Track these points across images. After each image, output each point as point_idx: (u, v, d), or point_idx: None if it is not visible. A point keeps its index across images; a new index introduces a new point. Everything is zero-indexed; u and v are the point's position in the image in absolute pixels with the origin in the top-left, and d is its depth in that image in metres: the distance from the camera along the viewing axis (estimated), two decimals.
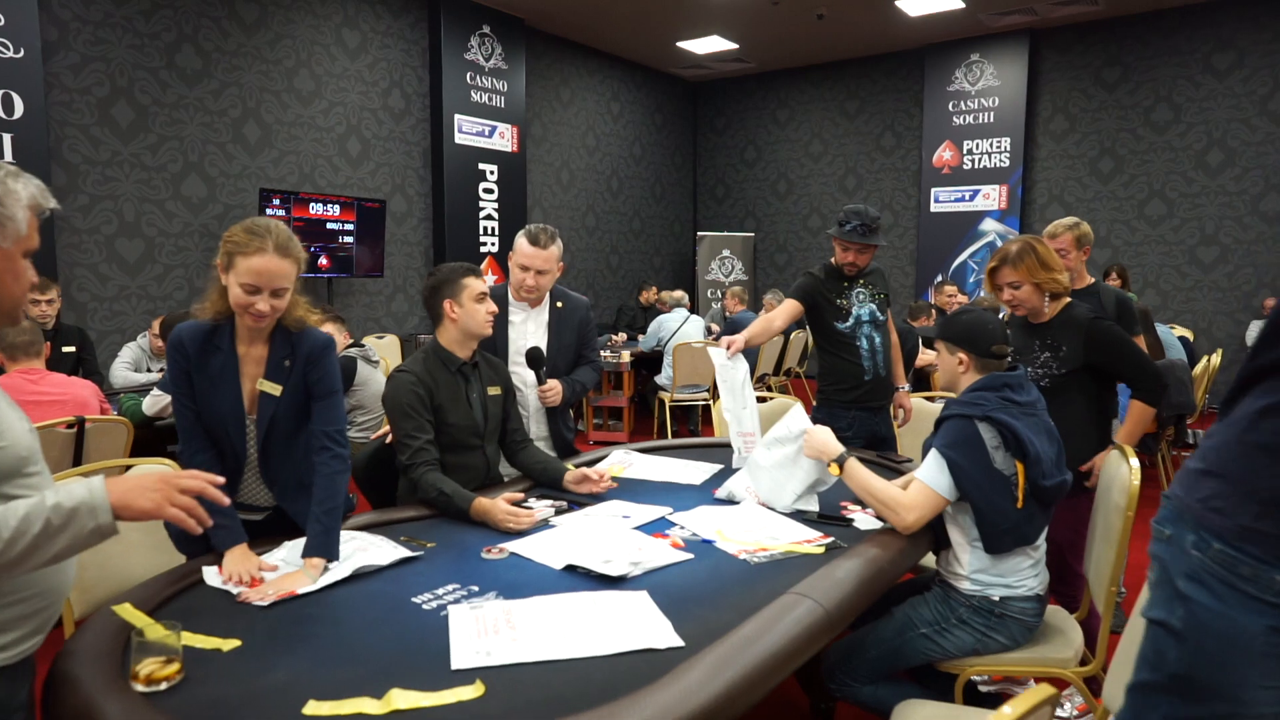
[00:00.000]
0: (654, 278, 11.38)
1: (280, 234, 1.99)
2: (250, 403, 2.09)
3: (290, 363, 2.09)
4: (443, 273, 2.61)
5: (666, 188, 11.58)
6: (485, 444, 2.67)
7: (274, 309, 1.99)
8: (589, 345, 3.11)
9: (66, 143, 5.68)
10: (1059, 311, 2.74)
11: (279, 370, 2.09)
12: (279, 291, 1.98)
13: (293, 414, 2.12)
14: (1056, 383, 2.67)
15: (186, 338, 2.06)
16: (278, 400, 2.09)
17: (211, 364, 2.05)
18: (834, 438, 2.36)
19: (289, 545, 2.03)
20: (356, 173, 7.52)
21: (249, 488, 2.17)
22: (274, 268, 1.95)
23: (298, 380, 2.11)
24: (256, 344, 2.09)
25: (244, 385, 2.08)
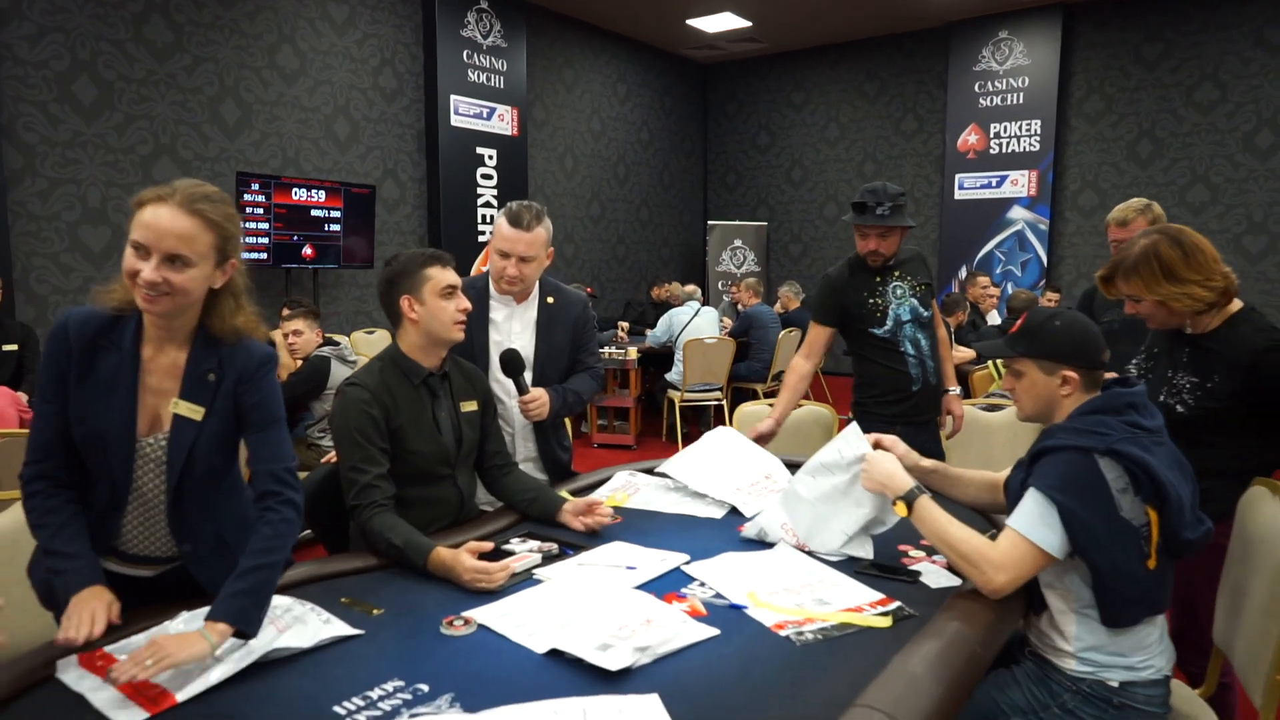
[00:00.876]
0: (663, 269, 10.86)
1: (193, 189, 1.52)
2: (148, 423, 1.60)
3: (216, 378, 1.61)
4: (399, 262, 2.12)
5: (676, 175, 11.05)
6: (457, 473, 2.17)
7: (170, 286, 1.49)
8: (586, 348, 2.61)
9: (21, 120, 5.20)
10: (1221, 324, 2.09)
11: (200, 386, 1.61)
12: (177, 260, 1.49)
13: (217, 446, 1.63)
14: (1196, 416, 2.06)
15: (74, 326, 1.57)
16: (199, 427, 1.60)
17: (101, 365, 1.57)
18: (901, 468, 1.86)
19: (187, 616, 1.54)
20: (345, 156, 7.03)
21: (137, 533, 1.67)
22: (170, 224, 1.47)
23: (226, 403, 1.62)
24: (169, 348, 1.61)
25: (142, 399, 1.59)
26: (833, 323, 2.87)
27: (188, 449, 1.60)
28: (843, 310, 2.86)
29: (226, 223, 1.56)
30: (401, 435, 2.06)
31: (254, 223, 6.00)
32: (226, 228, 1.56)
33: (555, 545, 2.00)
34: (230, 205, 1.60)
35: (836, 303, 2.86)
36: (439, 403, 2.15)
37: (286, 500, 1.60)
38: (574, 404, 2.51)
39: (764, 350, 6.93)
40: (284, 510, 1.59)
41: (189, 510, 1.65)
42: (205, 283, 1.56)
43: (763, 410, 3.43)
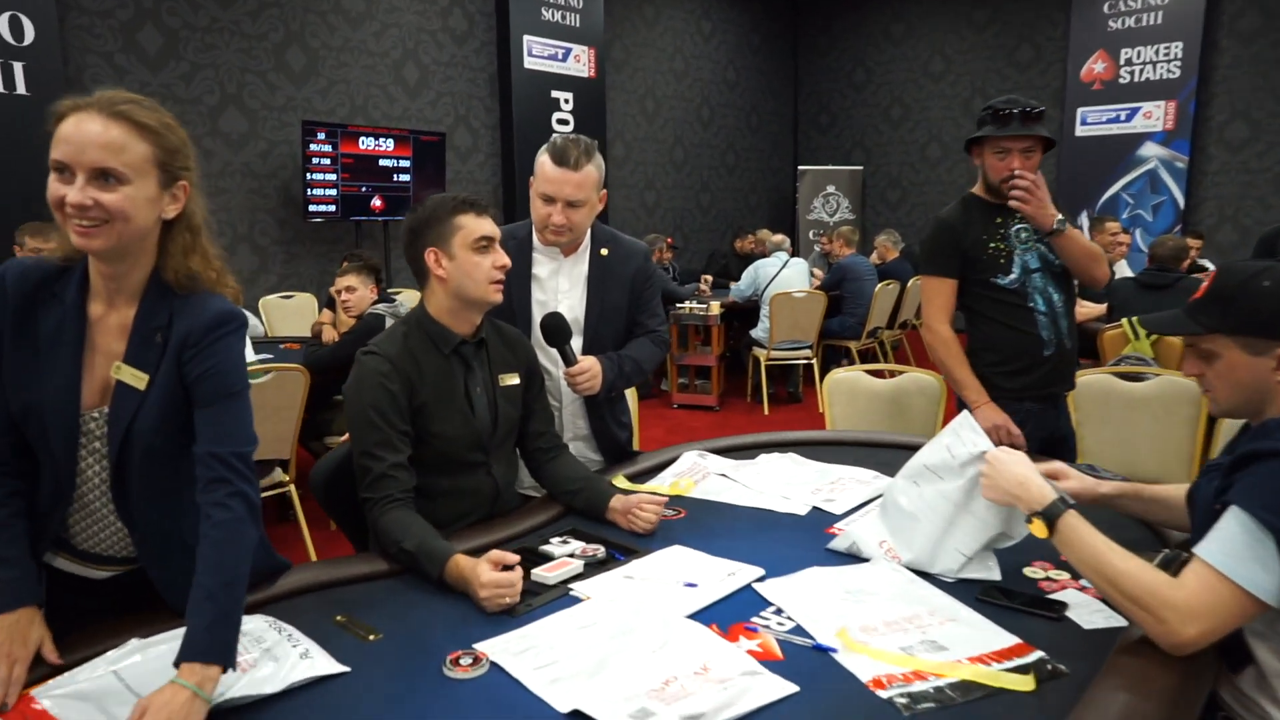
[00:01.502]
0: (749, 218, 10.31)
1: (118, 94, 1.25)
2: (96, 393, 1.32)
3: (163, 338, 1.32)
4: (425, 208, 1.77)
5: (764, 117, 10.41)
6: (492, 459, 1.84)
7: (104, 210, 1.20)
8: (648, 308, 2.22)
9: (88, 72, 5.09)
10: None
11: (146, 348, 1.32)
12: (107, 176, 1.21)
13: (160, 422, 1.33)
14: None
15: (12, 277, 1.30)
16: (141, 397, 1.31)
17: (43, 321, 1.30)
18: (1036, 471, 1.42)
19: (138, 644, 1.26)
20: (414, 103, 6.76)
21: (85, 525, 1.40)
22: (92, 132, 1.20)
23: (171, 369, 1.32)
24: (120, 303, 1.33)
25: (90, 364, 1.31)
26: (955, 273, 2.39)
27: (125, 425, 1.31)
28: (962, 254, 2.38)
29: (165, 131, 1.27)
30: (426, 415, 1.74)
31: (321, 174, 5.80)
32: (166, 137, 1.26)
33: (601, 549, 1.66)
34: (167, 113, 1.30)
35: (956, 248, 2.37)
36: (473, 376, 1.81)
37: (236, 493, 1.28)
38: (632, 374, 2.14)
39: (858, 305, 6.40)
40: (233, 505, 1.27)
41: (135, 501, 1.36)
42: (149, 209, 1.26)
43: (859, 378, 2.99)
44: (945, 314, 2.42)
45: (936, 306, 2.42)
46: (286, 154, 5.94)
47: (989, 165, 2.33)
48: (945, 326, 2.42)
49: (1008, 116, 2.26)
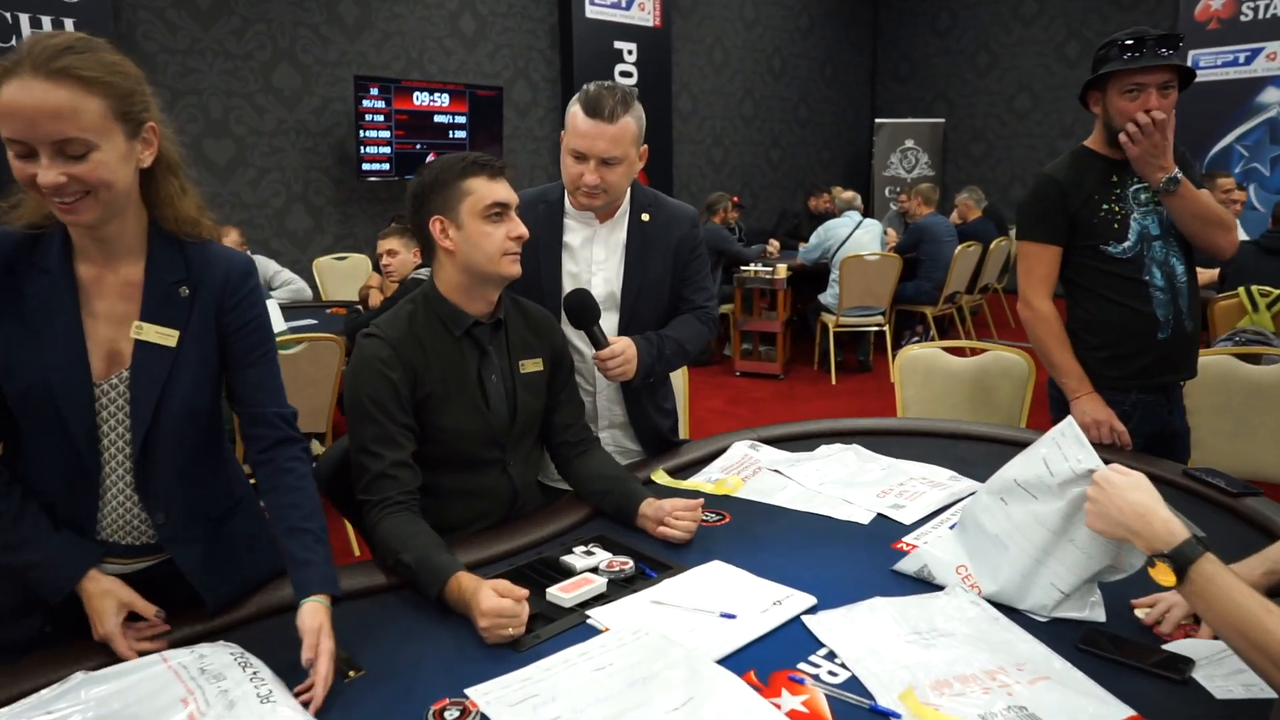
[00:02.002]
0: (822, 174, 9.84)
1: (43, 45, 1.07)
2: (103, 360, 1.22)
3: (190, 291, 1.25)
4: (430, 170, 1.55)
5: (839, 67, 9.85)
6: (509, 456, 1.64)
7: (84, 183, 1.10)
8: (694, 282, 1.96)
9: (140, 28, 5.01)
10: None
11: (170, 304, 1.24)
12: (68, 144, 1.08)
13: (196, 383, 1.26)
14: None
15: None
16: (174, 355, 1.23)
17: (30, 296, 1.19)
18: (1159, 499, 1.14)
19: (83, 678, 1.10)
20: (471, 56, 6.53)
21: (111, 512, 1.28)
22: (35, 101, 1.05)
23: (206, 324, 1.26)
24: (117, 263, 1.23)
25: (92, 331, 1.21)
26: (1061, 239, 2.06)
27: (159, 387, 1.22)
28: (1068, 221, 2.05)
29: (114, 77, 1.12)
30: (434, 407, 1.54)
31: (375, 130, 5.65)
32: (115, 83, 1.12)
33: (630, 563, 1.44)
34: (109, 50, 1.15)
35: (1063, 209, 2.04)
36: (488, 362, 1.60)
37: (306, 449, 1.35)
38: (674, 357, 1.89)
39: (936, 268, 5.98)
40: (305, 459, 1.34)
41: (162, 475, 1.27)
42: (126, 166, 1.15)
43: (935, 356, 2.68)
44: (1047, 287, 2.09)
45: (1037, 278, 2.09)
46: (341, 111, 5.81)
47: (1116, 109, 1.97)
48: (1046, 302, 2.09)
49: (1138, 47, 1.90)
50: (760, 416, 4.99)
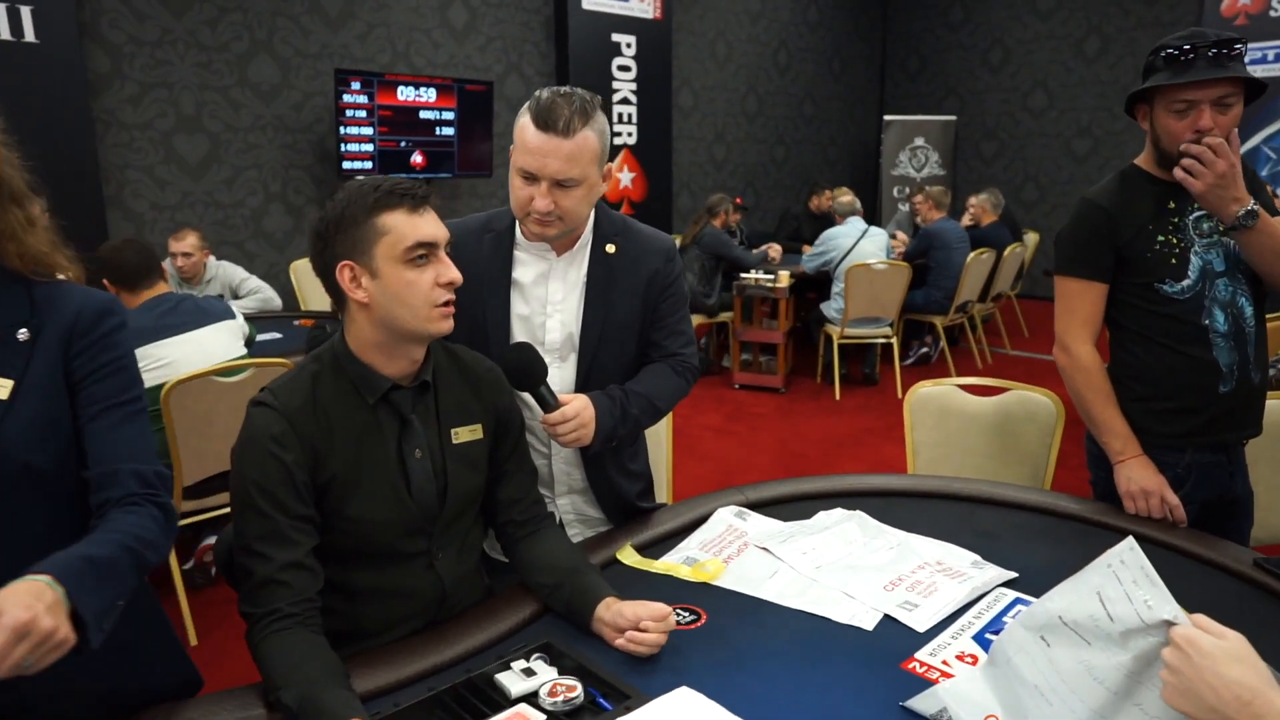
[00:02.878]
0: (828, 172, 9.51)
1: None
2: None
3: (31, 334, 1.07)
4: (336, 203, 1.26)
5: (847, 61, 9.52)
6: (437, 547, 1.35)
7: None
8: (668, 325, 1.67)
9: (106, 17, 4.72)
10: None
11: (5, 348, 1.06)
12: None
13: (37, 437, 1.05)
14: None
15: None
16: (5, 407, 1.03)
17: None
18: (1269, 677, 0.84)
19: None
20: (462, 49, 6.23)
21: None
22: None
23: (49, 371, 1.07)
24: None
25: None
26: (1107, 274, 1.76)
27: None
28: (1115, 254, 1.75)
29: None
30: (339, 493, 1.25)
31: (356, 127, 5.36)
32: None
33: (579, 688, 1.16)
34: None
35: (1109, 240, 1.74)
36: (411, 433, 1.31)
37: (162, 504, 1.10)
38: (642, 416, 1.59)
39: (946, 276, 5.68)
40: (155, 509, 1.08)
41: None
42: None
43: (950, 395, 2.39)
44: (1089, 330, 1.79)
45: (1078, 320, 1.79)
46: (322, 106, 5.52)
47: (1164, 128, 1.67)
48: (1087, 347, 1.79)
49: (1189, 56, 1.60)
50: (759, 434, 4.70)
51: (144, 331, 2.57)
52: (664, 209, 7.57)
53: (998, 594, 1.45)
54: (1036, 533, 1.69)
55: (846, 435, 4.67)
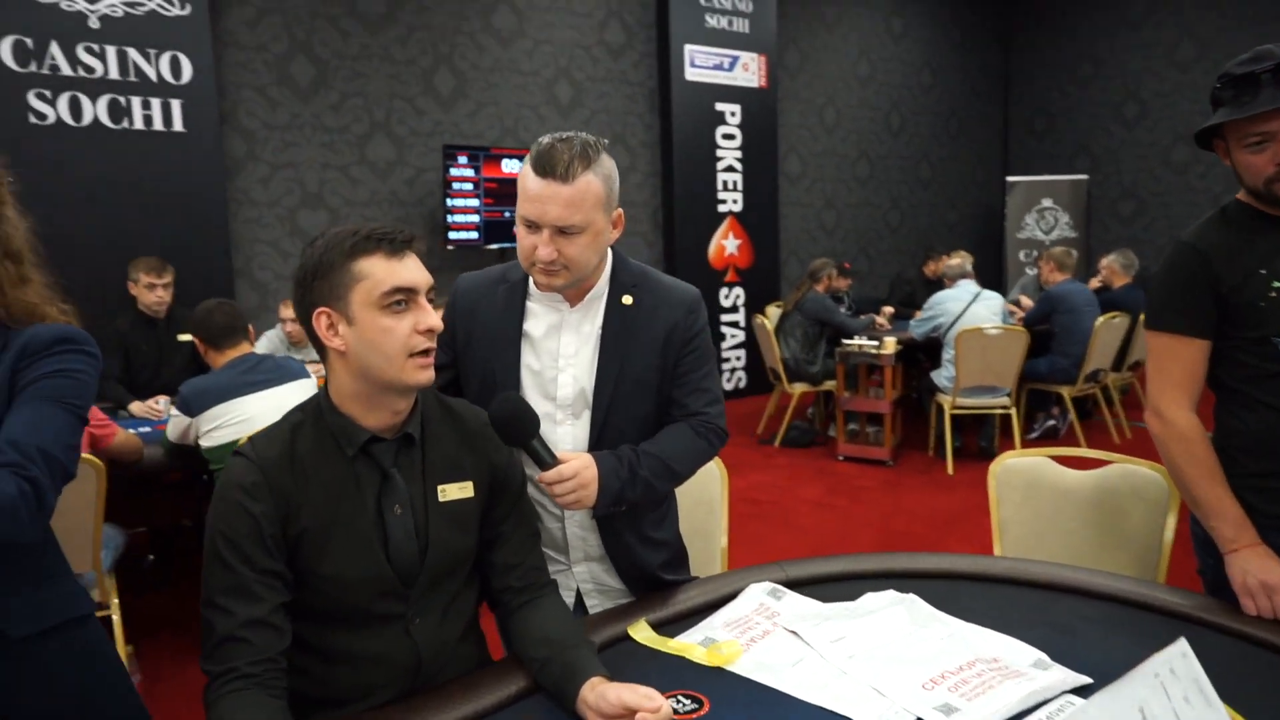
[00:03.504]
0: (947, 237, 9.15)
1: None
2: None
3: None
4: (315, 249, 1.24)
5: (966, 122, 9.23)
6: (414, 611, 1.27)
7: None
8: (690, 383, 1.55)
9: (243, 106, 5.16)
10: None
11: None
12: None
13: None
14: None
15: None
16: None
17: None
18: None
19: None
20: (567, 122, 6.43)
21: None
22: None
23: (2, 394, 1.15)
24: None
25: None
26: (1208, 329, 1.52)
27: None
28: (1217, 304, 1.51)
29: None
30: (311, 548, 1.20)
31: (462, 199, 5.58)
32: None
33: None
34: None
35: (1208, 288, 1.51)
36: (392, 488, 1.25)
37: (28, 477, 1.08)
38: (655, 479, 1.47)
39: (1072, 342, 5.25)
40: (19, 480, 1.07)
41: None
42: None
43: (1041, 467, 2.13)
44: (1186, 393, 1.54)
45: (1173, 381, 1.55)
46: (433, 180, 5.79)
47: (1244, 165, 1.45)
48: (1185, 413, 1.54)
49: (1248, 81, 1.38)
50: (861, 509, 4.42)
51: (224, 388, 2.67)
52: (771, 276, 7.46)
53: (1063, 702, 1.21)
54: (1124, 630, 1.44)
55: (957, 512, 4.31)
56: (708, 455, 1.57)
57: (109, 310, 4.26)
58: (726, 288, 7.19)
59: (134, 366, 3.94)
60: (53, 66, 4.46)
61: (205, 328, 2.80)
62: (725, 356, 7.24)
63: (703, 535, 2.16)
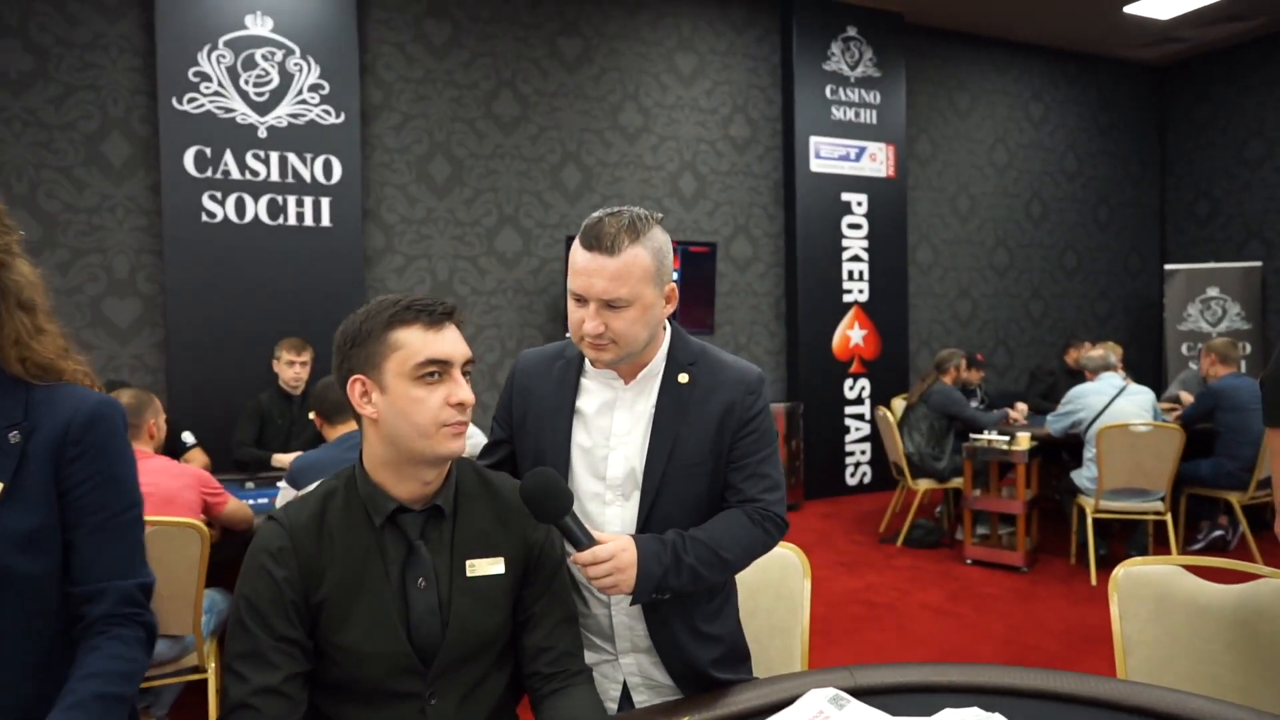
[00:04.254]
0: (1097, 329, 8.55)
1: None
2: None
3: (22, 436, 1.07)
4: (356, 318, 1.27)
5: (1117, 208, 8.71)
6: (432, 692, 1.23)
7: None
8: (747, 468, 1.46)
9: (385, 203, 5.58)
10: None
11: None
12: None
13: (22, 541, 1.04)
14: None
15: None
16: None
17: None
18: None
19: None
20: (690, 214, 6.55)
21: None
22: None
23: (40, 474, 1.07)
24: None
25: None
26: None
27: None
28: None
29: None
30: (331, 618, 1.19)
31: None
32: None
33: None
34: None
35: None
36: (417, 561, 1.23)
37: (143, 622, 1.11)
38: (703, 567, 1.38)
39: (1240, 443, 4.70)
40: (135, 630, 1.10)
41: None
42: None
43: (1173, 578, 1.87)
44: None
45: None
46: (556, 270, 6.00)
47: None
48: None
49: None
50: (987, 618, 4.04)
51: (327, 464, 2.78)
52: (899, 367, 7.18)
53: None
54: None
55: (1099, 628, 3.86)
56: (764, 545, 1.47)
57: (256, 384, 4.62)
58: (851, 379, 6.97)
59: (266, 436, 4.22)
60: (224, 171, 4.99)
61: (320, 403, 2.95)
62: (849, 450, 6.96)
63: (782, 633, 2.02)
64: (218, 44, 4.98)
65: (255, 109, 5.07)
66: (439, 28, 5.69)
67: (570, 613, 1.36)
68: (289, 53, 5.14)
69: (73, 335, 1.20)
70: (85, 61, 4.86)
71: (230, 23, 5.01)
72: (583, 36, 6.14)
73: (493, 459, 1.59)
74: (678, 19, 6.47)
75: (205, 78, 4.95)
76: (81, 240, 4.86)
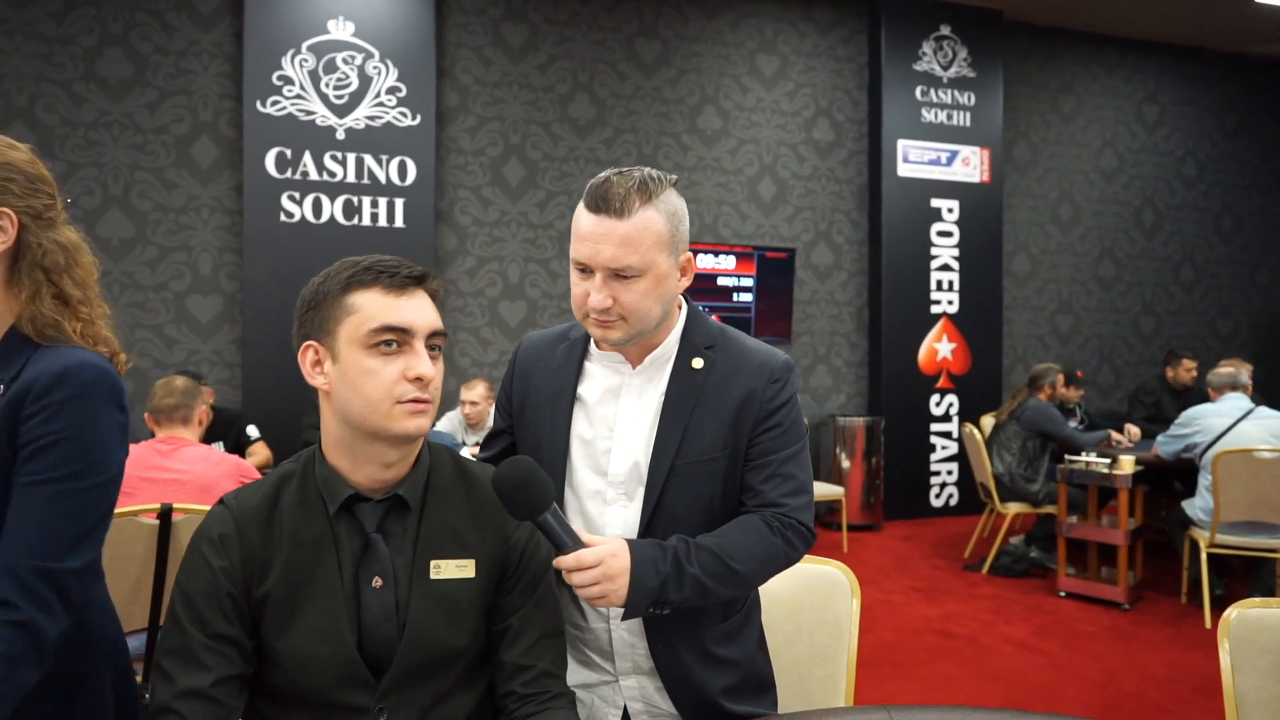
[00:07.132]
0: (1219, 348, 7.85)
1: None
2: None
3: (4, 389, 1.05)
4: (316, 279, 1.14)
5: (1243, 217, 8.00)
6: (385, 705, 1.08)
7: None
8: (767, 467, 1.27)
9: (458, 205, 5.58)
10: None
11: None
12: None
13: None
14: None
15: None
16: None
17: None
18: None
19: None
20: (769, 219, 6.33)
21: None
22: None
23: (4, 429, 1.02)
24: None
25: None
26: None
27: None
28: None
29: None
30: (274, 617, 1.06)
31: None
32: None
33: None
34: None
35: None
36: (373, 557, 1.10)
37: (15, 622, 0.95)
38: (710, 580, 1.19)
39: None
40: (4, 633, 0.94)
41: None
42: None
43: None
44: None
45: None
46: None
47: None
48: None
49: None
50: (1078, 658, 3.66)
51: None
52: (991, 382, 6.74)
53: None
54: None
55: (1212, 679, 3.43)
56: (784, 557, 1.27)
57: None
58: (938, 394, 6.58)
59: None
60: (303, 173, 5.08)
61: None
62: (934, 470, 6.56)
63: (825, 661, 1.81)
64: (301, 48, 5.08)
65: (334, 111, 5.15)
66: (516, 31, 5.68)
67: (555, 628, 1.19)
68: (368, 56, 5.21)
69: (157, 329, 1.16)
70: (180, 68, 5.04)
71: (313, 27, 5.11)
72: (661, 39, 6.02)
73: (493, 450, 1.45)
74: (760, 21, 6.28)
75: (288, 81, 5.05)
76: (169, 238, 5.01)
